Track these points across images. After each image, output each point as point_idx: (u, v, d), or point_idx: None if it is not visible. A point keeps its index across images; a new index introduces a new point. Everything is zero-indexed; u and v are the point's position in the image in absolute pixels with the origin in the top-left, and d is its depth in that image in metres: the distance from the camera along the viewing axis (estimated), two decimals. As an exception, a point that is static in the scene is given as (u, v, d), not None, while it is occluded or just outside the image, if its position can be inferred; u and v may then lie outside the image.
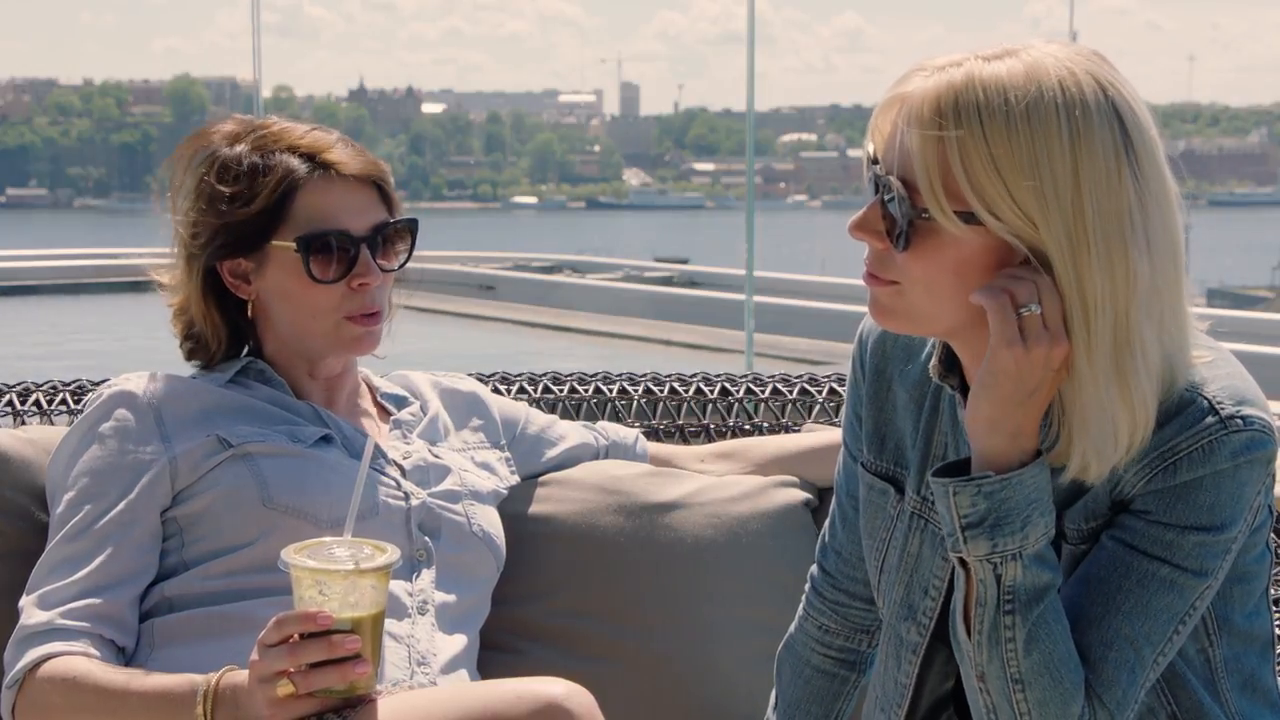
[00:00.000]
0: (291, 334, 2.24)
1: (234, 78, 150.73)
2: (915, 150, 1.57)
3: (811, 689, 2.03)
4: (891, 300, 1.65)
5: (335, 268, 2.18)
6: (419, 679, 2.09)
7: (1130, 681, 1.63)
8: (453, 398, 2.42)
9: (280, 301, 2.22)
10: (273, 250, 2.19)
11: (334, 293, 2.19)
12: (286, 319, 2.22)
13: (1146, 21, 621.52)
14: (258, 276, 2.22)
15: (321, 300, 2.19)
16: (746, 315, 10.27)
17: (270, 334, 2.26)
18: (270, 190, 2.17)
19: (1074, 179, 1.54)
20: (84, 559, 2.08)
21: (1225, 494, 1.62)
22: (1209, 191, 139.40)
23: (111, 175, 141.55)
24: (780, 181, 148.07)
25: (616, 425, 2.54)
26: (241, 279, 2.23)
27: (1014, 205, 1.55)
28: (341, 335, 2.22)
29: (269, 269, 2.20)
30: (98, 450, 2.14)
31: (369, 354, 2.27)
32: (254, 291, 2.23)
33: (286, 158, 2.19)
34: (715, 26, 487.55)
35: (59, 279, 24.87)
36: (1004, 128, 1.55)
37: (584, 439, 2.49)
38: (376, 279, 2.20)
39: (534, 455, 2.45)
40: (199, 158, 2.23)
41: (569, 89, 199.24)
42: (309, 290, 2.19)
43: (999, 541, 1.59)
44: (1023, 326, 1.56)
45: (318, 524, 2.11)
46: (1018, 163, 1.54)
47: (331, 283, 2.19)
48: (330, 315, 2.20)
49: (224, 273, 2.23)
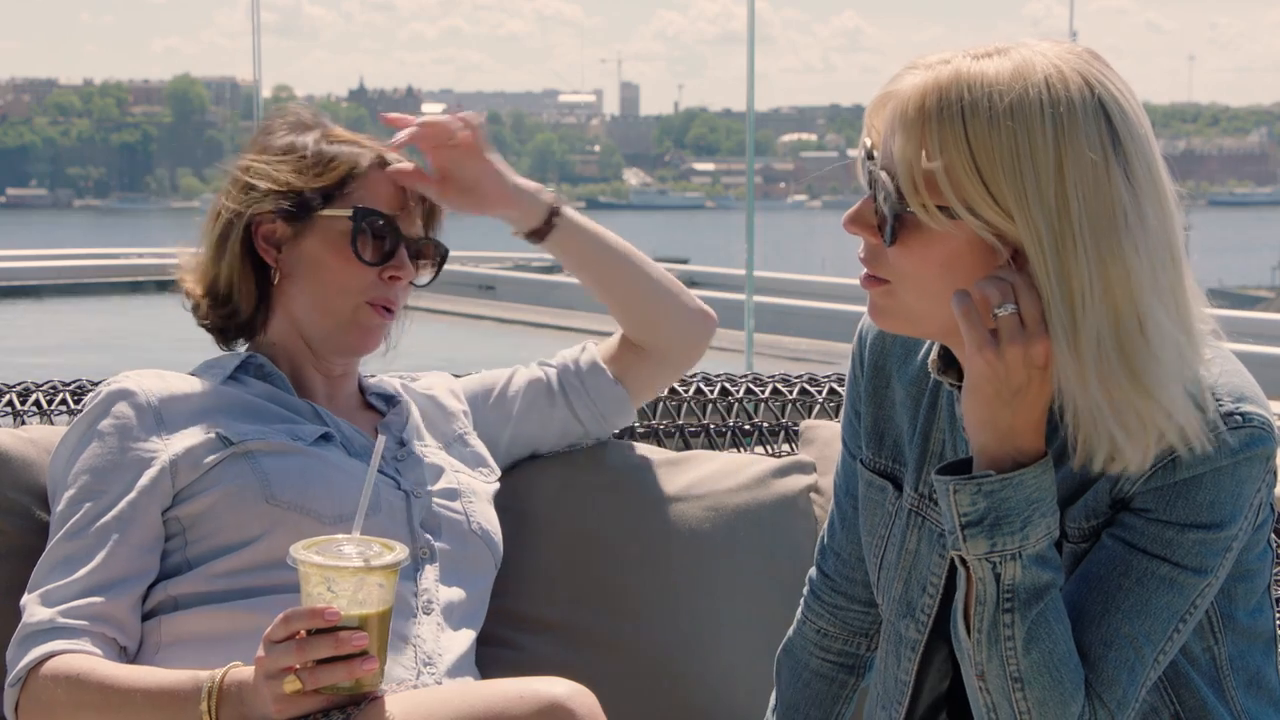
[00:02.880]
0: (305, 313, 2.26)
1: (234, 78, 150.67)
2: (900, 146, 1.59)
3: (810, 692, 2.03)
4: (885, 300, 1.67)
5: (376, 251, 2.24)
6: (425, 679, 2.10)
7: (1131, 681, 1.63)
8: (424, 397, 2.43)
9: (310, 272, 2.25)
10: (319, 220, 2.24)
11: (365, 276, 2.24)
12: (308, 295, 2.25)
13: (1146, 21, 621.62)
14: (291, 247, 2.25)
15: (352, 280, 2.24)
16: (746, 315, 10.26)
17: (283, 313, 2.27)
18: (336, 168, 2.25)
19: (1058, 176, 1.55)
20: (85, 557, 2.08)
21: (1225, 491, 1.62)
22: (1209, 191, 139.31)
23: (111, 175, 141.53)
24: (780, 181, 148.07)
25: (568, 350, 2.51)
26: (274, 245, 2.26)
27: (993, 203, 1.56)
28: (358, 320, 2.25)
29: (307, 239, 2.24)
30: (97, 448, 2.15)
31: (369, 353, 2.29)
32: (283, 259, 2.26)
33: (354, 149, 2.28)
34: (714, 26, 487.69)
35: (59, 279, 24.88)
36: (986, 125, 1.56)
37: (533, 376, 2.48)
38: (409, 276, 2.27)
39: (503, 417, 2.45)
40: (274, 135, 2.30)
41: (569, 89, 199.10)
42: (345, 265, 2.23)
43: (998, 541, 1.60)
44: (998, 328, 1.56)
45: (320, 520, 2.12)
46: (999, 160, 1.55)
47: (370, 265, 2.24)
48: (354, 297, 2.24)
49: (258, 236, 2.26)
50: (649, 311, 2.45)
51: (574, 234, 2.41)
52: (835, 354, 14.45)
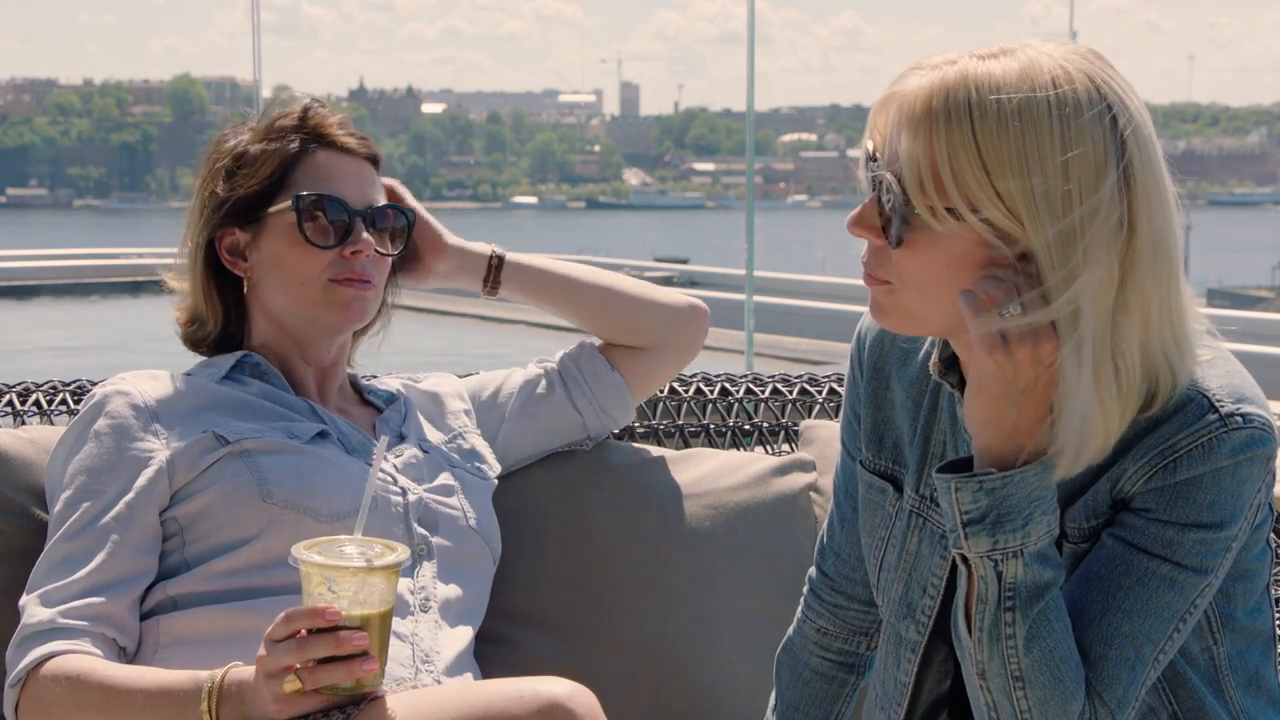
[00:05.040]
0: (282, 308, 2.25)
1: (234, 78, 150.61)
2: (906, 147, 1.58)
3: (810, 691, 2.03)
4: (887, 299, 1.67)
5: (330, 233, 2.23)
6: (423, 678, 2.10)
7: (1131, 680, 1.63)
8: (424, 396, 2.43)
9: (272, 271, 2.24)
10: (269, 219, 2.23)
11: (324, 258, 2.22)
12: (278, 291, 2.25)
13: (1145, 22, 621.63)
14: (253, 250, 2.25)
15: (312, 266, 2.22)
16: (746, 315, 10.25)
17: (261, 315, 2.28)
18: (272, 164, 2.24)
19: (1064, 177, 1.55)
20: (84, 557, 2.08)
21: (1225, 491, 1.62)
22: (1209, 191, 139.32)
23: (111, 175, 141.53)
24: (780, 181, 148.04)
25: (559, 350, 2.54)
26: (238, 256, 2.26)
27: (1000, 204, 1.56)
28: (330, 300, 2.23)
29: (264, 240, 2.24)
30: (94, 448, 2.15)
31: (358, 324, 2.28)
32: (250, 267, 2.26)
33: (289, 136, 2.26)
34: (713, 26, 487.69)
35: (59, 279, 24.88)
36: (995, 126, 1.55)
37: (531, 374, 2.50)
38: (369, 248, 2.24)
39: (496, 416, 2.45)
40: (215, 152, 2.29)
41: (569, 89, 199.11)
42: (302, 255, 2.22)
43: (1000, 538, 1.60)
44: (1005, 328, 1.56)
45: (318, 519, 2.12)
46: (1007, 161, 1.55)
47: (325, 248, 2.22)
48: (318, 279, 2.23)
49: (222, 251, 2.26)
50: (623, 321, 2.48)
51: (524, 273, 2.47)
52: (835, 354, 14.46)
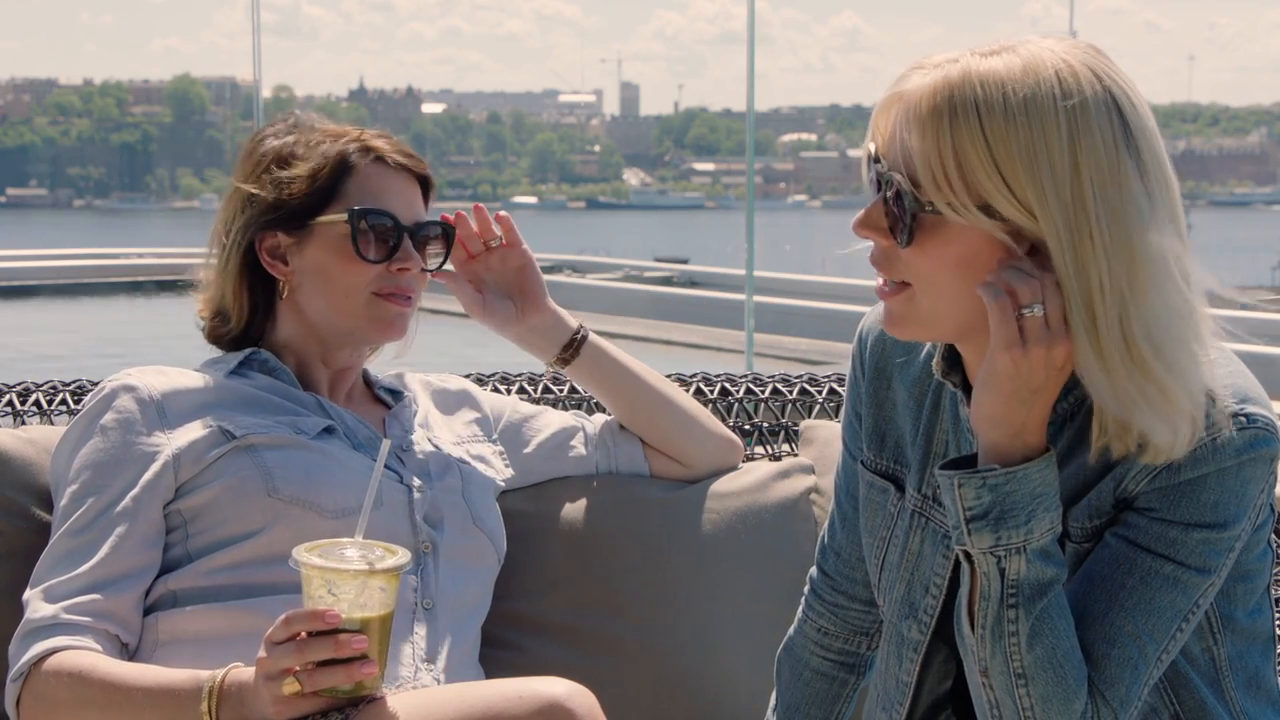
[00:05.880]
0: (322, 316, 2.25)
1: (234, 78, 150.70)
2: (915, 146, 1.58)
3: (811, 691, 2.03)
4: (903, 308, 1.66)
5: (379, 248, 2.23)
6: (424, 677, 2.10)
7: (1133, 679, 1.63)
8: (443, 396, 2.44)
9: (315, 280, 2.24)
10: (317, 227, 2.23)
11: (371, 272, 2.23)
12: (320, 299, 2.25)
13: (1145, 21, 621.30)
14: (296, 255, 2.25)
15: (359, 278, 2.23)
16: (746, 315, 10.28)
17: (292, 318, 2.27)
18: (325, 170, 2.24)
19: (1074, 170, 1.55)
20: (88, 552, 2.08)
21: (1229, 491, 1.62)
22: (1209, 191, 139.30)
23: (111, 175, 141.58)
24: (780, 181, 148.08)
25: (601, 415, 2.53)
26: (279, 259, 2.26)
27: (1012, 198, 1.56)
28: (375, 314, 2.24)
29: (310, 247, 2.24)
30: (100, 442, 2.15)
31: (398, 339, 2.29)
32: (291, 271, 2.25)
33: (341, 145, 2.26)
34: (713, 26, 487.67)
35: (59, 279, 24.91)
36: (1001, 121, 1.55)
37: (566, 424, 2.49)
38: (417, 265, 2.26)
39: (519, 443, 2.45)
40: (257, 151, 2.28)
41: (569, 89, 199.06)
42: (349, 267, 2.23)
43: (1003, 535, 1.60)
44: (1023, 327, 1.57)
45: (323, 514, 2.12)
46: (1015, 156, 1.55)
47: (374, 262, 2.23)
48: (363, 291, 2.23)
49: (262, 252, 2.25)
50: (670, 434, 2.47)
51: (599, 357, 2.43)
52: (835, 354, 14.47)
